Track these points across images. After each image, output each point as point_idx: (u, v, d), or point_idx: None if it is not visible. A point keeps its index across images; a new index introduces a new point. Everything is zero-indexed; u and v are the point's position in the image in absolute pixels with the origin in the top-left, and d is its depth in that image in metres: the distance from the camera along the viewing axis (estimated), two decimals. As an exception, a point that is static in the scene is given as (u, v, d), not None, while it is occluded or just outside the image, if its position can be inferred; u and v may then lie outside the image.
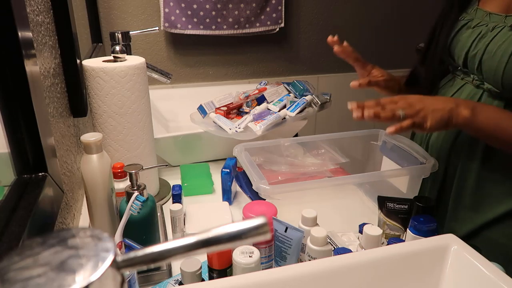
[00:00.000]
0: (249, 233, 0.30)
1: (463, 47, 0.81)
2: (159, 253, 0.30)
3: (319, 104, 1.14)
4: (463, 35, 0.82)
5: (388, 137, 0.98)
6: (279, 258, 0.72)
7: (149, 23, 1.67)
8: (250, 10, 1.70)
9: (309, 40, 1.91)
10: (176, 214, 0.80)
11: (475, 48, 0.79)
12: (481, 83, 0.80)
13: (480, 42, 0.78)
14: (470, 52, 0.80)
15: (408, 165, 0.88)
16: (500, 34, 0.74)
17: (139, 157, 0.89)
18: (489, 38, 0.76)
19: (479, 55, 0.77)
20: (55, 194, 0.61)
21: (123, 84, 0.82)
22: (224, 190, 0.96)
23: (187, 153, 1.14)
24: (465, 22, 0.83)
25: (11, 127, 0.55)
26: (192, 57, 1.78)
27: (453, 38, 0.84)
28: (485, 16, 0.80)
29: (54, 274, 0.25)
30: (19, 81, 0.54)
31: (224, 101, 1.14)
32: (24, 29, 0.55)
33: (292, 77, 1.89)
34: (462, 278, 0.53)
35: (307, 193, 0.81)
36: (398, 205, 0.74)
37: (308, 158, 0.98)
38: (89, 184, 0.71)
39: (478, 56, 0.78)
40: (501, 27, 0.75)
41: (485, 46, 0.76)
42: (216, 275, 0.63)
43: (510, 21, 0.75)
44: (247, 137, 0.99)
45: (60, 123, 0.79)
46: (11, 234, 0.46)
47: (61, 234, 0.29)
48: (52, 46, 0.79)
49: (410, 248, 0.56)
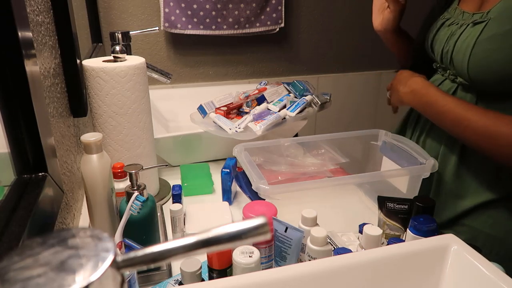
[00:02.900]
0: (249, 233, 0.30)
1: (441, 44, 0.87)
2: (159, 253, 0.30)
3: (319, 104, 1.14)
4: (441, 33, 0.88)
5: (388, 137, 0.98)
6: (279, 258, 0.72)
7: (149, 23, 1.67)
8: (250, 10, 1.70)
9: (309, 40, 1.91)
10: (176, 214, 0.80)
11: (448, 45, 0.84)
12: (455, 78, 0.85)
13: (451, 39, 0.83)
14: (444, 48, 0.85)
15: (408, 165, 0.88)
16: (465, 31, 0.80)
17: (139, 157, 0.89)
18: (457, 35, 0.81)
19: (450, 51, 0.83)
20: (55, 194, 0.61)
21: (123, 84, 0.82)
22: (224, 190, 0.96)
23: (187, 153, 1.14)
24: (444, 20, 0.89)
25: (11, 127, 0.55)
26: (192, 57, 1.78)
27: (435, 36, 0.90)
28: (459, 14, 0.85)
29: (54, 274, 0.25)
30: (19, 81, 0.54)
31: (224, 101, 1.14)
32: (24, 29, 0.55)
33: (292, 77, 1.89)
34: (462, 278, 0.53)
35: (307, 193, 0.81)
36: (398, 205, 0.74)
37: (308, 158, 0.98)
38: (89, 184, 0.71)
39: (449, 52, 0.83)
40: (466, 24, 0.80)
41: (454, 42, 0.82)
42: (216, 275, 0.63)
43: (475, 18, 0.79)
44: (247, 137, 0.99)
45: (60, 123, 0.79)
46: (11, 234, 0.46)
47: (61, 234, 0.29)
48: (52, 46, 0.79)
49: (410, 248, 0.56)
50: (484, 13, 0.77)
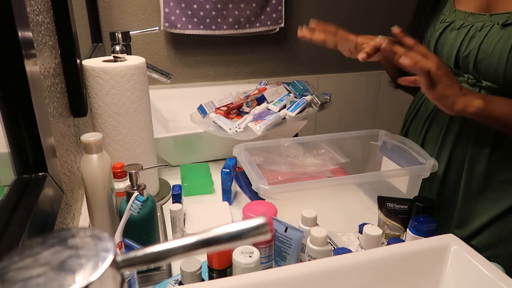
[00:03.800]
0: (249, 233, 0.30)
1: (452, 48, 0.84)
2: (159, 253, 0.30)
3: (319, 104, 1.14)
4: (449, 37, 0.85)
5: (388, 137, 0.98)
6: (279, 258, 0.72)
7: (149, 23, 1.67)
8: (250, 10, 1.70)
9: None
10: (176, 214, 0.80)
11: (467, 48, 0.81)
12: (477, 82, 0.82)
13: (471, 42, 0.80)
14: (461, 52, 0.82)
15: (408, 165, 0.88)
16: (491, 32, 0.77)
17: (139, 157, 0.89)
18: (480, 37, 0.78)
19: (473, 55, 0.80)
20: (55, 194, 0.61)
21: (123, 84, 0.82)
22: (224, 190, 0.96)
23: (187, 153, 1.14)
24: (446, 24, 0.86)
25: (11, 127, 0.55)
26: (192, 57, 1.78)
27: (438, 40, 0.87)
28: (467, 16, 0.82)
29: (54, 274, 0.25)
30: (19, 81, 0.54)
31: (224, 101, 1.14)
32: (24, 29, 0.55)
33: (292, 77, 1.89)
34: (462, 278, 0.53)
35: (307, 193, 0.80)
36: (398, 205, 0.74)
37: (308, 158, 0.98)
38: (89, 184, 0.71)
39: (472, 56, 0.80)
40: (489, 26, 0.77)
41: (478, 45, 0.78)
42: (216, 275, 0.63)
43: (497, 19, 0.77)
44: (247, 137, 0.99)
45: (60, 123, 0.79)
46: (11, 234, 0.46)
47: (61, 234, 0.29)
48: (52, 46, 0.79)
49: (410, 248, 0.56)
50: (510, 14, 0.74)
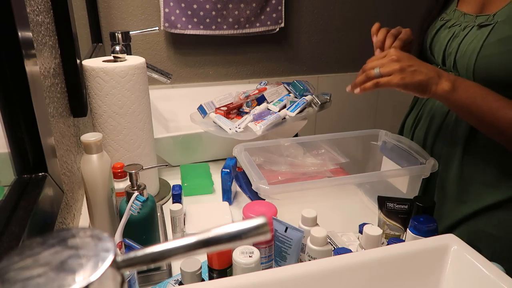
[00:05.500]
0: (249, 233, 0.30)
1: (441, 46, 0.86)
2: (159, 253, 0.30)
3: (319, 104, 1.14)
4: (441, 35, 0.87)
5: (388, 137, 0.98)
6: (279, 258, 0.72)
7: (149, 23, 1.67)
8: (250, 10, 1.70)
9: (309, 40, 1.91)
10: (176, 214, 0.80)
11: (450, 47, 0.83)
12: None
13: (454, 41, 0.82)
14: (446, 51, 0.85)
15: (408, 165, 0.88)
16: (469, 33, 0.79)
17: (139, 157, 0.89)
18: (461, 37, 0.81)
19: (453, 54, 0.82)
20: (55, 194, 0.61)
21: (123, 84, 0.82)
22: (224, 190, 0.96)
23: (187, 153, 1.14)
24: (443, 22, 0.88)
25: (11, 127, 0.55)
26: (192, 57, 1.78)
27: (434, 37, 0.89)
28: (460, 16, 0.85)
29: (54, 274, 0.25)
30: (19, 81, 0.54)
31: (224, 101, 1.14)
32: (24, 29, 0.55)
33: (292, 77, 1.89)
34: (462, 278, 0.53)
35: (307, 193, 0.80)
36: (398, 205, 0.74)
37: (308, 158, 0.98)
38: (89, 184, 0.71)
39: (452, 55, 0.82)
40: (471, 27, 0.79)
41: (457, 45, 0.81)
42: (216, 275, 0.63)
43: (479, 20, 0.78)
44: (247, 137, 0.99)
45: (60, 123, 0.79)
46: (11, 234, 0.46)
47: (61, 234, 0.29)
48: (52, 46, 0.79)
49: (410, 248, 0.56)
50: (490, 16, 0.76)
